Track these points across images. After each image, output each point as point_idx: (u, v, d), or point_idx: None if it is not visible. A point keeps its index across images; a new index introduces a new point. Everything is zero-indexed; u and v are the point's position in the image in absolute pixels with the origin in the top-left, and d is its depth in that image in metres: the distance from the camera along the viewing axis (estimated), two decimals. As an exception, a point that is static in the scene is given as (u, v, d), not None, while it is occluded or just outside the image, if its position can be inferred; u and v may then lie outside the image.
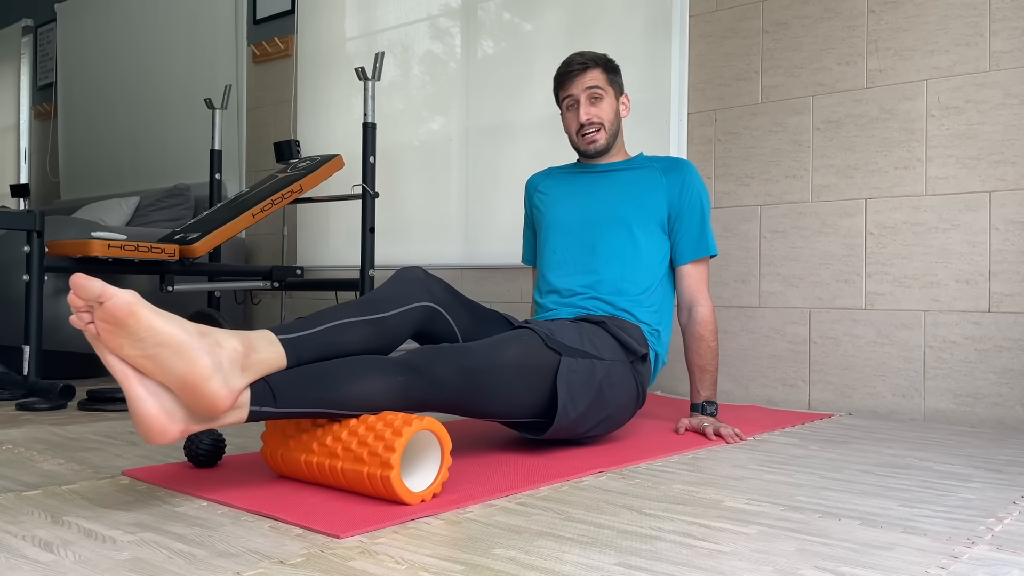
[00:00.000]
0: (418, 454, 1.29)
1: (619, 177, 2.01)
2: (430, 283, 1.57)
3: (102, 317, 1.11)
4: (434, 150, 3.32)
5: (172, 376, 1.14)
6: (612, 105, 1.99)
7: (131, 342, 1.12)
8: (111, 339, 1.13)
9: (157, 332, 1.12)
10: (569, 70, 1.98)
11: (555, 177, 2.12)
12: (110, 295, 1.10)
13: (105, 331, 1.12)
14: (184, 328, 1.15)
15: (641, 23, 2.74)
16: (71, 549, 1.01)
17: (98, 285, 1.10)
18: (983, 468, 1.59)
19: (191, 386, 1.14)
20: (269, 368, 1.25)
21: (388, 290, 1.50)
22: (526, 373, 1.52)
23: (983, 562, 1.01)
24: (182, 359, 1.13)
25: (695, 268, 1.99)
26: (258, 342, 1.25)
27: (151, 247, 2.55)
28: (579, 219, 2.00)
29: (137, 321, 1.11)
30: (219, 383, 1.16)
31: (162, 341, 1.12)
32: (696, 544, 1.06)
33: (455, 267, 3.23)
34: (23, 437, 1.82)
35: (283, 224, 3.83)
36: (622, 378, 1.71)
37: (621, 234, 1.95)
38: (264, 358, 1.24)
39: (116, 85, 4.76)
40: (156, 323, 1.12)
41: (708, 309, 1.97)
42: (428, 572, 0.94)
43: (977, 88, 2.20)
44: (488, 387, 1.46)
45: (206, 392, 1.14)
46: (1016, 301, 2.13)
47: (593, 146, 1.99)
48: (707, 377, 1.95)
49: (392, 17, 3.49)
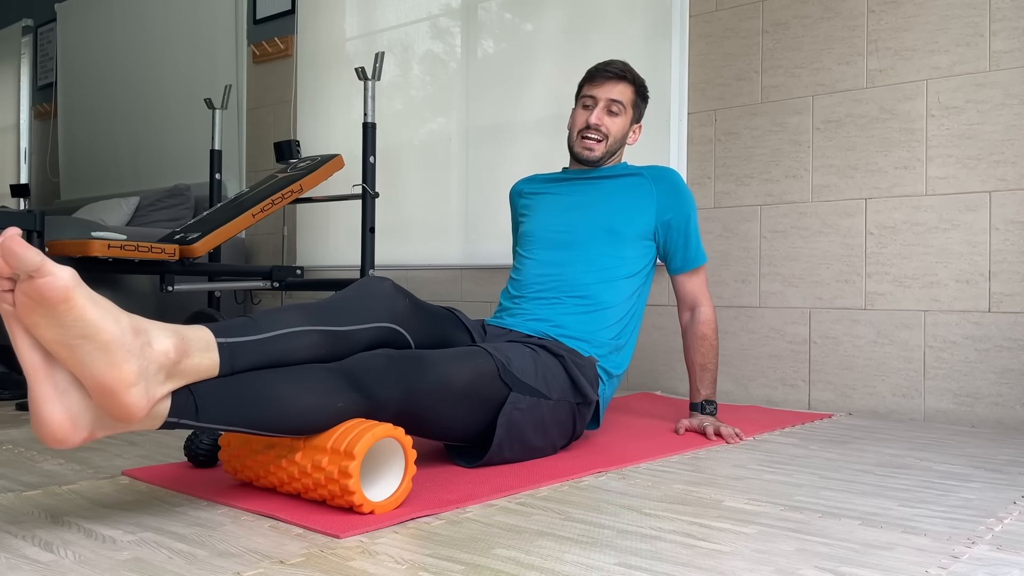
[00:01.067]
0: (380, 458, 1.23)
1: (606, 185, 1.96)
2: (396, 300, 1.43)
3: (28, 292, 0.96)
4: (434, 150, 3.32)
5: (88, 374, 1.01)
6: (625, 125, 1.95)
7: (52, 325, 0.98)
8: (28, 316, 0.98)
9: (87, 324, 0.99)
10: (606, 70, 1.93)
11: (539, 184, 2.08)
12: (47, 271, 0.95)
13: (25, 307, 0.97)
14: (118, 323, 1.02)
15: (641, 23, 2.74)
16: (71, 549, 1.01)
17: (37, 257, 0.94)
18: (983, 468, 1.59)
19: (108, 391, 1.02)
20: (198, 376, 1.12)
21: (351, 301, 1.37)
22: (471, 402, 1.43)
23: (983, 562, 1.01)
24: (106, 359, 1.00)
25: (693, 276, 1.99)
26: (193, 345, 1.12)
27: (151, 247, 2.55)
28: (560, 229, 1.94)
29: (69, 308, 0.97)
30: (139, 393, 1.03)
31: (89, 334, 0.99)
32: (696, 544, 1.06)
33: (455, 267, 3.23)
34: (23, 437, 1.82)
35: (283, 224, 3.83)
36: (562, 418, 1.61)
37: (602, 242, 1.89)
38: (195, 364, 1.12)
39: (116, 85, 4.76)
40: (89, 313, 0.99)
41: (710, 309, 1.98)
42: (428, 572, 0.94)
43: (977, 88, 2.20)
44: (431, 411, 1.37)
45: (123, 401, 1.02)
46: (1016, 301, 2.13)
47: (588, 152, 1.93)
48: (707, 376, 1.96)
49: (392, 17, 3.49)
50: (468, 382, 1.41)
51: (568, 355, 1.66)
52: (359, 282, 1.43)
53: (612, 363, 1.84)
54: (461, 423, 1.45)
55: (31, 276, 0.95)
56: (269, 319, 1.24)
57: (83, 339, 0.99)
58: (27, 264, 0.94)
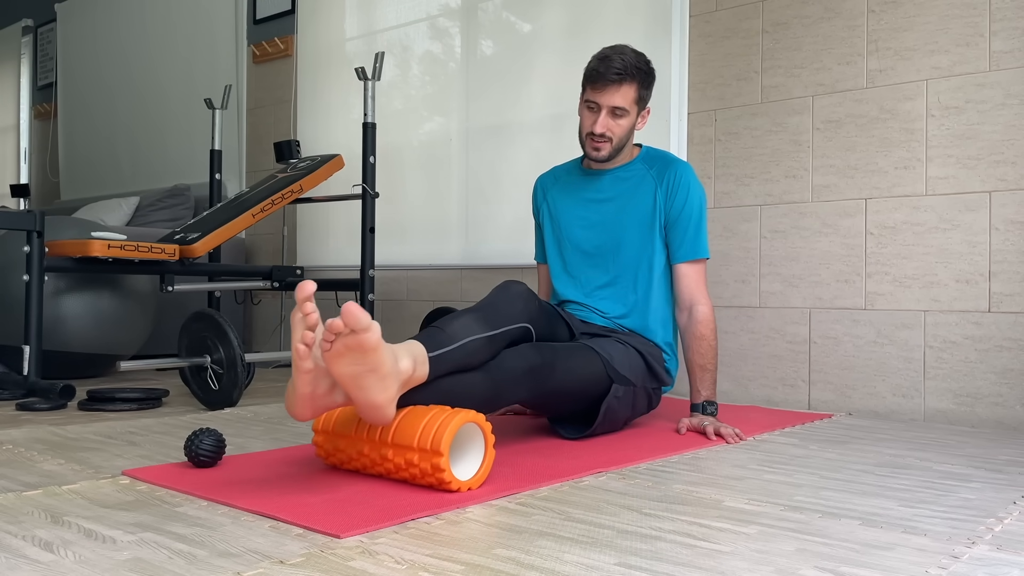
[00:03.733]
0: (462, 446, 1.39)
1: (624, 187, 2.05)
2: (530, 302, 1.73)
3: (349, 344, 1.20)
4: (434, 150, 3.32)
5: (364, 396, 1.26)
6: (631, 123, 1.98)
7: (353, 364, 1.23)
8: (339, 360, 1.22)
9: (379, 363, 1.25)
10: (607, 75, 1.89)
11: (563, 182, 2.16)
12: (371, 328, 1.20)
13: (340, 354, 1.21)
14: (391, 356, 1.30)
15: (641, 23, 2.74)
16: (71, 549, 1.01)
17: (368, 319, 1.19)
18: (983, 468, 1.59)
19: (377, 407, 1.29)
20: (417, 383, 1.41)
21: (498, 303, 1.67)
22: (583, 393, 1.79)
23: (983, 562, 1.01)
24: (381, 385, 1.27)
25: (692, 268, 2.00)
26: (418, 361, 1.40)
27: (151, 247, 2.55)
28: (594, 238, 2.07)
29: (374, 354, 1.23)
30: (393, 407, 1.32)
31: (376, 368, 1.25)
32: (696, 544, 1.06)
33: (455, 267, 3.23)
34: (23, 437, 1.82)
35: (283, 224, 3.83)
36: (642, 400, 1.95)
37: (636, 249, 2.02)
38: (418, 376, 1.40)
39: (116, 85, 4.76)
40: (383, 356, 1.25)
41: (708, 308, 1.98)
42: (428, 572, 0.94)
43: (977, 88, 2.20)
44: (548, 404, 1.79)
45: (384, 414, 1.31)
46: (1016, 301, 2.13)
47: (597, 154, 1.99)
48: (707, 376, 1.96)
49: (392, 17, 3.49)
50: (584, 380, 1.78)
51: (645, 348, 1.96)
52: (502, 286, 1.74)
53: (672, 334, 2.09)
54: (569, 409, 1.84)
55: (354, 331, 1.19)
56: (452, 329, 1.52)
57: (371, 372, 1.25)
58: (361, 324, 1.19)
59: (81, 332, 2.85)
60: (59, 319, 2.79)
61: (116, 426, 1.99)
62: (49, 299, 2.76)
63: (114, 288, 2.93)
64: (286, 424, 2.04)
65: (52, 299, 2.78)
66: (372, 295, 2.87)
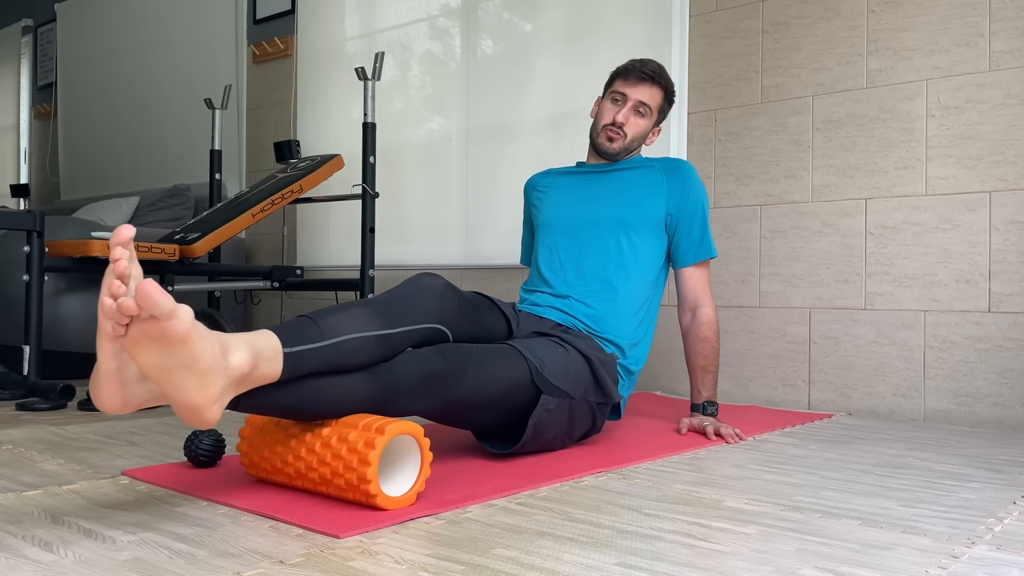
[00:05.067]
0: (396, 456, 1.26)
1: (618, 177, 2.00)
2: (444, 300, 1.49)
3: (148, 331, 0.99)
4: (434, 150, 3.32)
5: (178, 394, 1.06)
6: (647, 127, 1.99)
7: (158, 355, 1.02)
8: (137, 347, 1.02)
9: (193, 356, 1.03)
10: (642, 70, 1.95)
11: (554, 177, 2.12)
12: (176, 315, 0.99)
13: (137, 340, 1.01)
14: (213, 349, 1.07)
15: (641, 23, 2.74)
16: (71, 549, 1.01)
17: (170, 304, 0.98)
18: (983, 468, 1.59)
19: (194, 408, 1.07)
20: (261, 382, 1.17)
21: (406, 299, 1.44)
22: (502, 407, 1.54)
23: (983, 562, 1.01)
24: (198, 383, 1.05)
25: (697, 270, 1.98)
26: (263, 356, 1.16)
27: (151, 247, 2.55)
28: (575, 218, 1.98)
29: (183, 345, 1.01)
30: (218, 409, 1.10)
31: (190, 363, 1.03)
32: (696, 544, 1.06)
33: (455, 267, 3.23)
34: (23, 437, 1.82)
35: (283, 224, 3.83)
36: (584, 416, 1.69)
37: (617, 235, 1.93)
38: (261, 374, 1.16)
39: (116, 85, 4.76)
40: (198, 348, 1.03)
41: (712, 310, 1.97)
42: (428, 572, 0.94)
43: (977, 88, 2.20)
44: (460, 417, 1.51)
45: (205, 416, 1.09)
46: (1016, 301, 2.13)
47: (608, 144, 1.97)
48: (708, 377, 1.95)
49: (392, 17, 3.49)
50: (501, 394, 1.51)
51: (595, 354, 1.73)
52: (414, 279, 1.49)
53: (631, 359, 1.90)
54: (488, 422, 1.57)
55: (155, 317, 0.98)
56: (331, 323, 1.27)
57: (183, 367, 1.03)
58: (161, 310, 0.97)
59: (81, 332, 2.85)
60: (59, 319, 2.79)
61: (116, 426, 1.99)
62: (49, 299, 2.76)
63: (114, 288, 2.93)
64: (286, 424, 2.04)
65: (52, 299, 2.78)
66: (372, 295, 2.87)
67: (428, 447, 1.25)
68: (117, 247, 0.99)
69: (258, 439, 1.34)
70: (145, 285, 0.96)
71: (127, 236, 0.99)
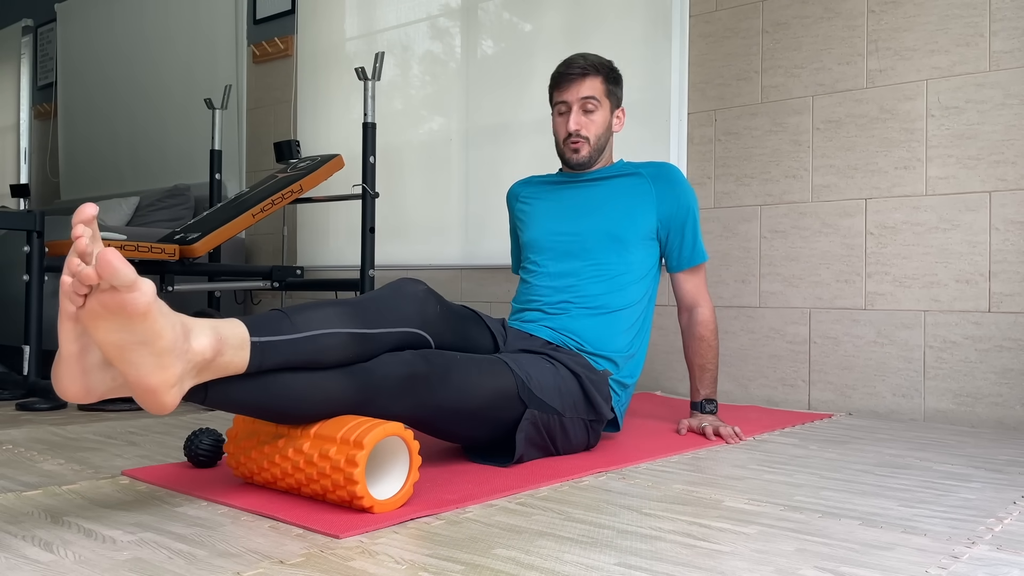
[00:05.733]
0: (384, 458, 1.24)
1: (604, 187, 1.93)
2: (427, 304, 1.43)
3: (106, 302, 0.96)
4: (434, 150, 3.32)
5: (135, 374, 1.02)
6: (605, 118, 1.90)
7: (116, 331, 0.98)
8: (96, 321, 0.98)
9: (152, 333, 1.00)
10: (568, 72, 1.87)
11: (536, 187, 2.04)
12: (136, 287, 0.96)
13: (95, 313, 0.97)
14: (174, 329, 1.03)
15: (641, 23, 2.74)
16: (71, 549, 1.01)
17: (132, 275, 0.95)
18: (983, 468, 1.59)
19: (150, 390, 1.03)
20: (225, 372, 1.13)
21: (385, 301, 1.38)
22: (486, 419, 1.48)
23: (983, 562, 1.01)
24: (156, 363, 1.02)
25: (692, 275, 1.96)
26: (228, 343, 1.12)
27: (151, 247, 2.55)
28: (563, 234, 1.91)
29: (143, 320, 0.98)
30: (176, 392, 1.06)
31: (149, 340, 1.00)
32: (696, 544, 1.06)
33: (455, 267, 3.23)
34: (23, 437, 1.82)
35: (283, 224, 3.83)
36: (576, 432, 1.65)
37: (609, 248, 1.87)
38: (226, 362, 1.12)
39: (116, 85, 4.76)
40: (158, 325, 1.00)
41: (709, 310, 1.97)
42: (428, 572, 0.94)
43: (977, 88, 2.20)
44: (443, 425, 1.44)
45: (162, 400, 1.05)
46: (1016, 301, 2.13)
47: (576, 156, 1.90)
48: (707, 376, 1.95)
49: (392, 17, 3.49)
50: (485, 404, 1.45)
51: (584, 372, 1.68)
52: (394, 283, 1.44)
53: (625, 373, 1.84)
54: (473, 435, 1.52)
55: (115, 288, 0.95)
56: (304, 317, 1.23)
57: (142, 345, 1.00)
58: (122, 280, 0.94)
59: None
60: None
61: (116, 426, 1.99)
62: (49, 299, 2.76)
63: (114, 288, 2.93)
64: (286, 424, 2.04)
65: (52, 299, 2.78)
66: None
67: (417, 450, 1.22)
68: (79, 224, 0.96)
69: (245, 439, 1.32)
70: (106, 253, 0.93)
71: (90, 214, 0.96)
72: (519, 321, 1.87)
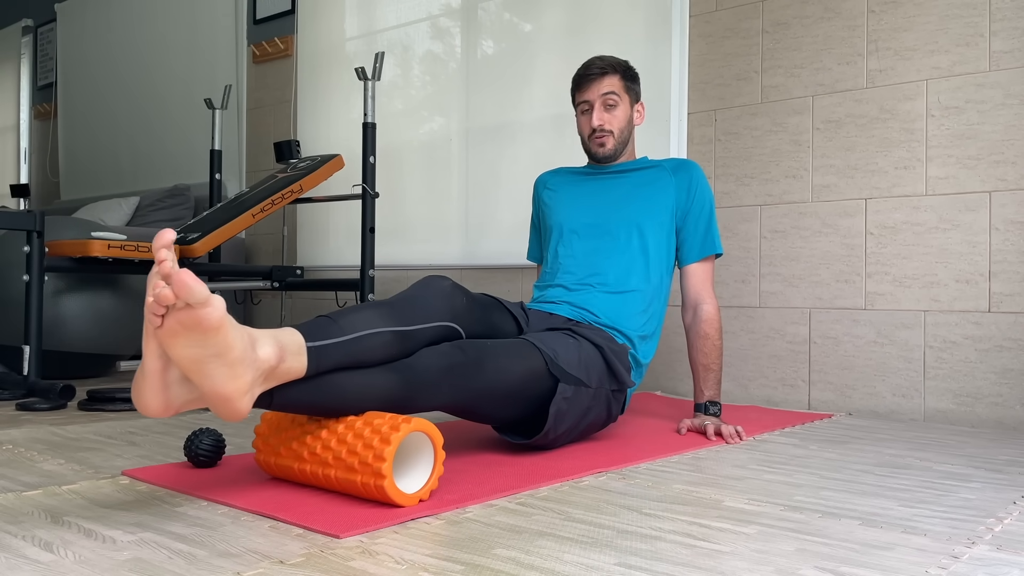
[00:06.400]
0: (410, 453, 1.29)
1: (629, 179, 2.05)
2: (455, 298, 1.55)
3: (183, 320, 1.04)
4: (434, 150, 3.32)
5: (210, 384, 1.10)
6: (626, 112, 2.02)
7: (192, 346, 1.07)
8: (173, 338, 1.06)
9: (225, 346, 1.08)
10: (588, 74, 2.00)
11: (565, 176, 2.16)
12: (210, 303, 1.04)
13: (173, 331, 1.05)
14: (243, 340, 1.12)
15: (641, 23, 2.74)
16: (71, 549, 1.01)
17: (205, 292, 1.03)
18: (983, 468, 1.59)
19: (225, 399, 1.12)
20: (288, 377, 1.22)
21: (417, 299, 1.49)
22: (521, 398, 1.58)
23: (983, 562, 1.01)
24: (229, 373, 1.10)
25: (701, 267, 2.01)
26: (288, 350, 1.21)
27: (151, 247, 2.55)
28: (589, 219, 2.03)
29: (216, 334, 1.06)
30: (249, 399, 1.15)
31: (222, 353, 1.08)
32: (696, 544, 1.06)
33: (455, 267, 3.23)
34: (23, 437, 1.82)
35: (283, 224, 3.83)
36: (600, 404, 1.75)
37: (630, 235, 1.98)
38: (287, 368, 1.21)
39: (116, 85, 4.76)
40: (230, 338, 1.08)
41: (713, 308, 1.98)
42: (428, 572, 0.94)
43: (977, 88, 2.20)
44: (480, 408, 1.54)
45: (236, 407, 1.13)
46: (1016, 301, 2.13)
47: (602, 150, 2.02)
48: (711, 377, 1.96)
49: (392, 17, 3.49)
50: (519, 384, 1.56)
51: (606, 344, 1.79)
52: (423, 281, 1.55)
53: (641, 352, 1.94)
54: (509, 414, 1.62)
55: (190, 306, 1.03)
56: (349, 320, 1.33)
57: (216, 357, 1.08)
58: (196, 297, 1.02)
59: (81, 332, 2.85)
60: (59, 319, 2.79)
61: (116, 426, 1.99)
62: (49, 299, 2.76)
63: (114, 288, 2.93)
64: (286, 424, 2.04)
65: (52, 299, 2.78)
66: (372, 295, 2.87)
67: (441, 445, 1.27)
68: (161, 249, 1.03)
69: (273, 436, 1.36)
70: (181, 274, 1.01)
71: (169, 239, 1.03)
72: (542, 300, 1.99)
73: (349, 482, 1.24)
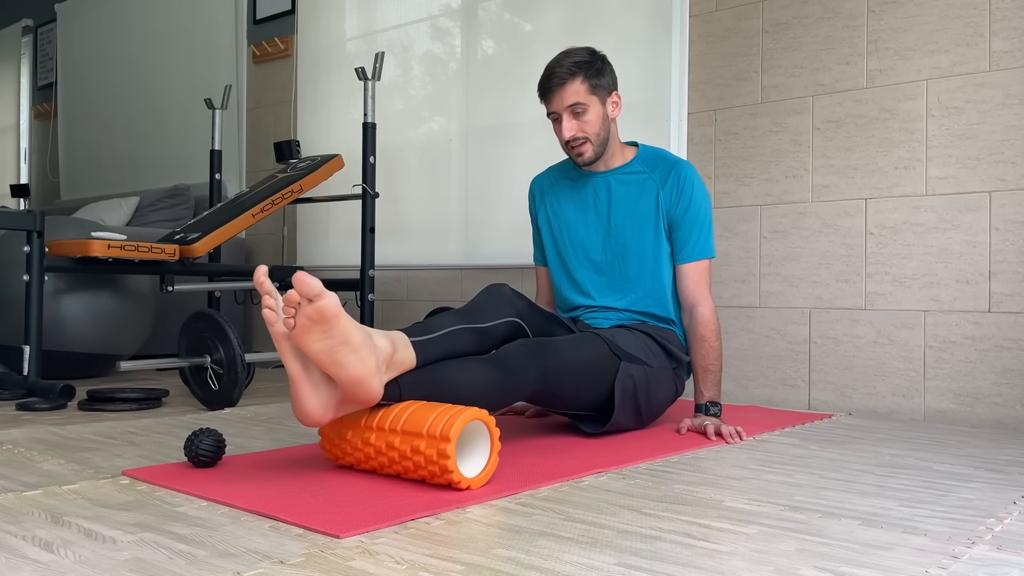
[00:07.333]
0: (468, 444, 1.39)
1: (625, 190, 2.04)
2: (516, 301, 1.75)
3: (309, 314, 1.23)
4: (434, 150, 3.32)
5: (344, 371, 1.29)
6: (598, 113, 1.94)
7: (321, 338, 1.26)
8: (306, 335, 1.25)
9: (346, 332, 1.27)
10: (548, 85, 1.93)
11: (560, 185, 2.14)
12: (325, 295, 1.23)
13: (304, 327, 1.25)
14: (360, 329, 1.31)
15: (641, 23, 2.74)
16: (71, 549, 1.01)
17: (319, 284, 1.22)
18: (983, 468, 1.59)
19: (359, 381, 1.31)
20: (404, 367, 1.44)
21: (482, 304, 1.70)
22: (592, 375, 1.77)
23: (983, 562, 1.01)
24: (357, 358, 1.29)
25: (694, 268, 2.00)
26: (398, 343, 1.43)
27: (151, 247, 2.55)
28: (597, 240, 2.06)
29: (337, 321, 1.25)
30: (378, 380, 1.35)
31: (347, 340, 1.27)
32: (696, 544, 1.06)
33: (455, 267, 3.23)
34: (23, 437, 1.82)
35: (283, 224, 3.83)
36: (665, 382, 1.94)
37: (642, 240, 2.01)
38: (402, 358, 1.43)
39: (116, 85, 4.76)
40: (346, 324, 1.27)
41: (709, 309, 1.98)
42: (428, 572, 0.94)
43: (977, 88, 2.20)
44: (561, 386, 1.72)
45: (369, 388, 1.33)
46: (1016, 301, 2.13)
47: (582, 159, 1.99)
48: (710, 378, 1.95)
49: (392, 17, 3.49)
50: (589, 359, 1.76)
51: (654, 331, 1.97)
52: (485, 289, 1.76)
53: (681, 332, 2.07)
54: (586, 394, 1.78)
55: (311, 300, 1.23)
56: (435, 321, 1.57)
57: (343, 344, 1.28)
58: (314, 289, 1.22)
59: (81, 332, 2.85)
60: (59, 319, 2.79)
61: (116, 426, 1.99)
62: (49, 299, 2.76)
63: (114, 288, 2.93)
64: (286, 424, 2.05)
65: (52, 299, 2.78)
66: (372, 295, 2.87)
67: (497, 436, 1.37)
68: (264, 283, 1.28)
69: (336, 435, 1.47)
70: (299, 274, 1.22)
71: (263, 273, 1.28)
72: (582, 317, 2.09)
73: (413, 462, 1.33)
